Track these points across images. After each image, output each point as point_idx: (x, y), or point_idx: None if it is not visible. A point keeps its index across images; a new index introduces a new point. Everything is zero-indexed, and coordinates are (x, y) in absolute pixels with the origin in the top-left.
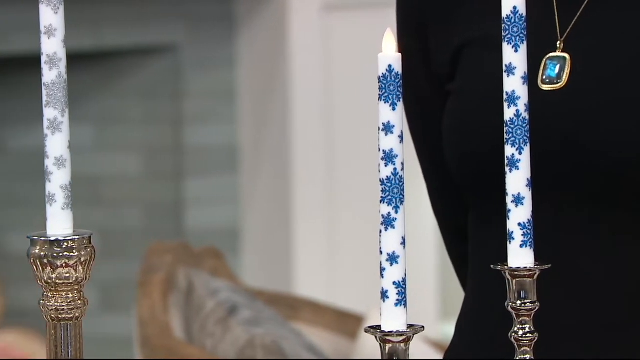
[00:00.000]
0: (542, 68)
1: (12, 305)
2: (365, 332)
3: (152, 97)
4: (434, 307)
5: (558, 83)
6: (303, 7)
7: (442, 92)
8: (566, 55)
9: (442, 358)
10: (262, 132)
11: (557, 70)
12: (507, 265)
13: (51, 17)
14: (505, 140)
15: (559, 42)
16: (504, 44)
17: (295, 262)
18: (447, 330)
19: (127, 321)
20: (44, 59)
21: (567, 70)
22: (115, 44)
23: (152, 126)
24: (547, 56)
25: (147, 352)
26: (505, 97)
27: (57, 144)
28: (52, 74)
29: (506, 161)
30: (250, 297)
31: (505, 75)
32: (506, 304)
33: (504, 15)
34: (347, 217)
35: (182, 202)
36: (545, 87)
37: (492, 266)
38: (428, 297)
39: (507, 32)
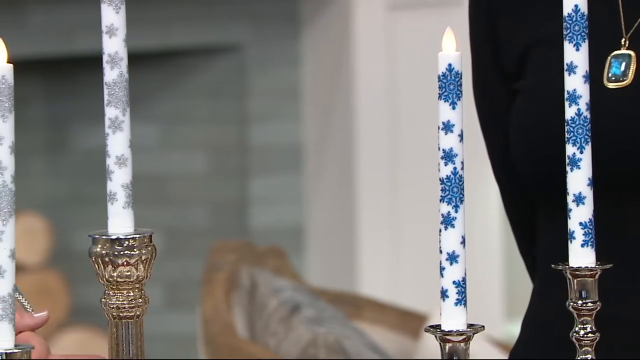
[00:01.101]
0: (607, 66)
1: (78, 303)
2: (425, 331)
3: (218, 96)
4: (500, 307)
5: (624, 81)
6: (367, 6)
7: (511, 90)
8: (631, 52)
9: (507, 358)
10: (326, 131)
11: (622, 68)
12: (568, 265)
13: (112, 17)
14: (566, 139)
15: (623, 40)
16: (565, 43)
17: (358, 261)
18: (513, 330)
19: (192, 319)
20: (105, 58)
21: (632, 68)
22: (181, 44)
23: (218, 125)
24: (612, 54)
25: (210, 350)
26: (566, 95)
27: (118, 143)
28: (114, 73)
29: (567, 160)
30: (313, 295)
31: (566, 73)
32: (567, 303)
33: (565, 13)
34: (411, 215)
35: (246, 200)
36: (610, 85)
37: (552, 266)
38: (493, 296)
39: (569, 31)
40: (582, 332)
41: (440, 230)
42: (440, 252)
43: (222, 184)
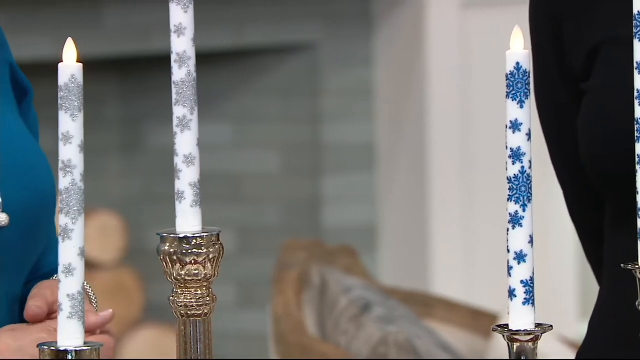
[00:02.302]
0: None
1: (152, 301)
2: (493, 330)
3: (291, 95)
4: (573, 307)
5: None
6: (440, 5)
7: (576, 91)
8: None
9: (574, 358)
10: (399, 129)
11: None
12: (637, 265)
13: (181, 16)
14: (635, 138)
15: None
16: (635, 41)
17: (431, 260)
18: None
19: (265, 317)
20: (173, 57)
21: None
22: (255, 43)
23: (291, 124)
24: None
25: (281, 348)
26: (636, 94)
27: (186, 142)
28: (182, 72)
29: (637, 160)
30: (384, 294)
31: (636, 72)
32: (637, 303)
33: (635, 12)
34: (484, 214)
35: (319, 199)
36: None
37: (622, 265)
38: (567, 296)
39: (639, 29)
40: None
41: (508, 230)
42: (508, 251)
43: (295, 183)
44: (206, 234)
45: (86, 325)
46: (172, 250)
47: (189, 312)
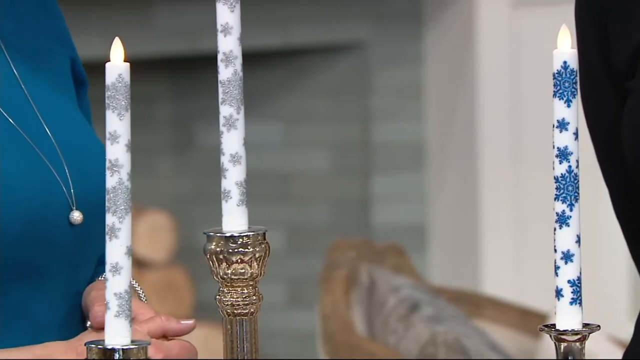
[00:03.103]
0: None
1: (202, 299)
2: (540, 330)
3: (340, 95)
4: (625, 307)
5: None
6: (491, 4)
7: (621, 89)
8: None
9: (621, 358)
10: (449, 129)
11: None
12: None
13: (227, 16)
14: None
15: None
16: None
17: (481, 260)
18: None
19: (314, 316)
20: (220, 56)
21: None
22: (303, 42)
23: (340, 123)
24: None
25: (329, 348)
26: None
27: (232, 141)
28: (228, 72)
29: None
30: (432, 294)
31: None
32: None
33: None
34: (535, 213)
35: (369, 198)
36: None
37: None
38: (618, 296)
39: None
40: None
41: (554, 229)
42: (555, 251)
43: (345, 182)
44: (252, 233)
45: (168, 330)
46: (218, 249)
47: (235, 311)
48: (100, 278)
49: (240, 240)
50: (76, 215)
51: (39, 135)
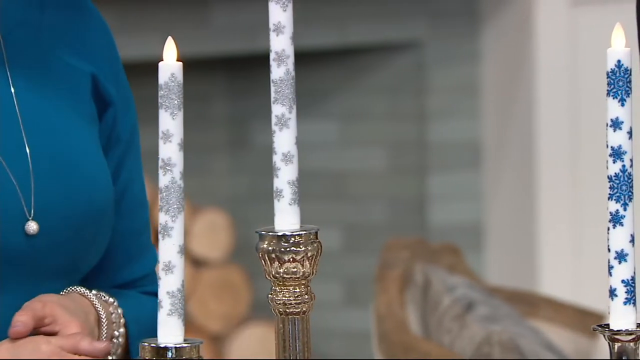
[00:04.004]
0: None
1: (259, 298)
2: (593, 330)
3: (396, 93)
4: None
5: None
6: (549, 2)
7: None
8: None
9: None
10: (506, 128)
11: None
12: None
13: (280, 15)
14: None
15: None
16: None
17: (539, 259)
18: None
19: (370, 316)
20: (272, 56)
21: None
22: (360, 41)
23: (396, 122)
24: None
25: (384, 347)
26: None
27: (284, 140)
28: (280, 71)
29: None
30: (487, 293)
31: None
32: None
33: None
34: (593, 213)
35: (425, 197)
36: None
37: None
38: None
39: None
40: None
41: (608, 229)
42: (609, 250)
43: (401, 181)
44: (304, 232)
45: (78, 349)
46: (270, 248)
47: (287, 310)
48: (67, 290)
49: (293, 239)
50: (31, 226)
51: (14, 144)
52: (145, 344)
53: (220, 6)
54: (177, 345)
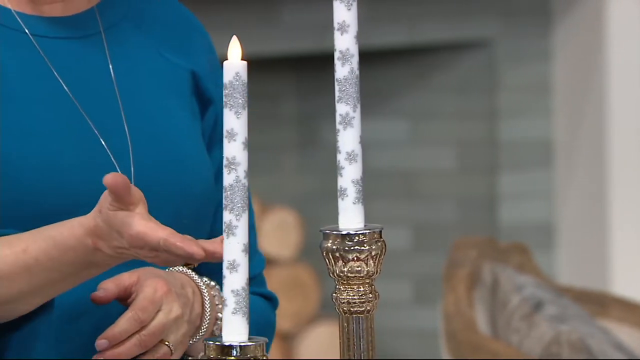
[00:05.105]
0: None
1: (328, 297)
2: None
3: (467, 92)
4: None
5: None
6: (622, 0)
7: None
8: None
9: None
10: (577, 126)
11: None
12: None
13: (344, 14)
14: None
15: None
16: None
17: (610, 259)
18: None
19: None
20: (336, 55)
21: None
22: (430, 40)
23: (466, 121)
24: None
25: (452, 346)
26: None
27: (348, 139)
28: (345, 70)
29: None
30: (556, 293)
31: None
32: None
33: None
34: None
35: (495, 196)
36: None
37: None
38: None
39: None
40: None
41: None
42: None
43: (471, 180)
44: (368, 231)
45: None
46: (334, 247)
47: (351, 309)
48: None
49: (357, 238)
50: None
51: (114, 128)
52: (210, 342)
53: (289, 5)
54: (242, 344)
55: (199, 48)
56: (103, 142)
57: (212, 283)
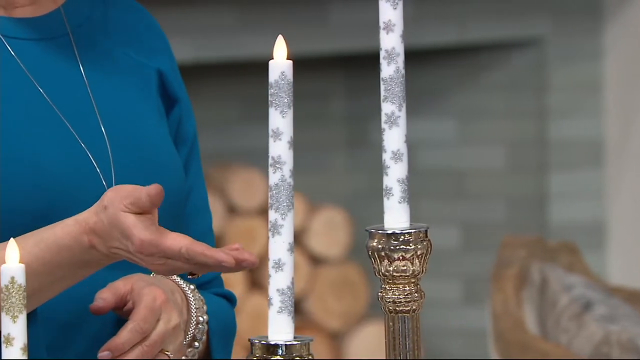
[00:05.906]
0: None
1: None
2: None
3: (516, 91)
4: None
5: None
6: None
7: None
8: None
9: None
10: (629, 125)
11: None
12: None
13: (390, 13)
14: None
15: None
16: None
17: None
18: None
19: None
20: (382, 54)
21: None
22: (479, 38)
23: (516, 120)
24: None
25: (500, 346)
26: None
27: (394, 138)
28: (390, 69)
29: None
30: (606, 293)
31: None
32: None
33: None
34: None
35: (545, 196)
36: None
37: None
38: None
39: None
40: None
41: None
42: None
43: (520, 179)
44: (414, 230)
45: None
46: (380, 246)
47: (397, 308)
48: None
49: (402, 237)
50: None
51: (92, 132)
52: (256, 340)
53: (337, 5)
54: (287, 343)
55: (161, 47)
56: (83, 145)
57: (192, 286)
